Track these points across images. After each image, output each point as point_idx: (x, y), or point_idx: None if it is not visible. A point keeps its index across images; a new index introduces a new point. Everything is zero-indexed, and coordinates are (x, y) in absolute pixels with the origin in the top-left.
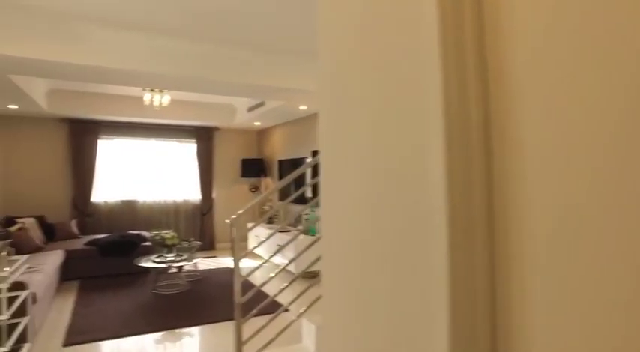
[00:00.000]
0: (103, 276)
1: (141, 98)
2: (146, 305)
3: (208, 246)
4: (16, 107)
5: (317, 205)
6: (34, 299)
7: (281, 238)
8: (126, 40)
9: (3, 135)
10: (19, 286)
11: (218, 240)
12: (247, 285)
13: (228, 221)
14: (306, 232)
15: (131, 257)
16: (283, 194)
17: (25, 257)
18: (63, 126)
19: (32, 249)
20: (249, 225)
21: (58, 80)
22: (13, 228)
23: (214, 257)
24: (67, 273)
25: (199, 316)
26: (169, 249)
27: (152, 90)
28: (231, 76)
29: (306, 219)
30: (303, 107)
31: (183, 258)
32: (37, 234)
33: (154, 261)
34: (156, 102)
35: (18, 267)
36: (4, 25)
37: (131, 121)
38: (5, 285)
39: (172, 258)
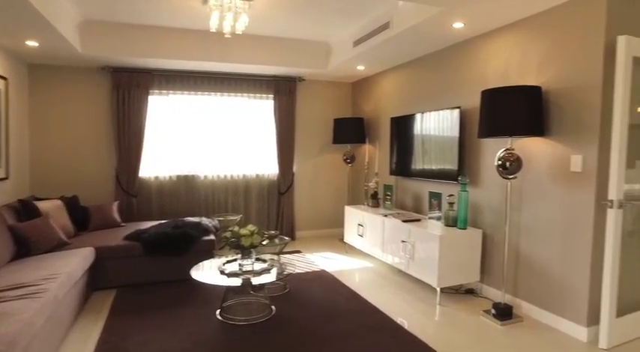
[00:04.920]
0: (147, 284)
1: (202, 33)
2: (210, 348)
3: (287, 236)
4: (36, 44)
5: (467, 182)
6: None
7: (404, 230)
8: None
9: (30, 91)
10: None
11: (299, 226)
12: (354, 300)
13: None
14: (449, 223)
15: (187, 255)
16: (398, 165)
17: None
18: (104, 77)
19: (51, 246)
20: (348, 207)
21: (91, 7)
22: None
23: (298, 252)
24: (97, 280)
25: None
26: (246, 251)
27: (221, 4)
28: None
29: (451, 204)
30: (458, 24)
31: (266, 267)
32: (62, 223)
33: (223, 272)
34: (227, 27)
35: None
36: None
37: (190, 70)
38: None
39: (250, 267)
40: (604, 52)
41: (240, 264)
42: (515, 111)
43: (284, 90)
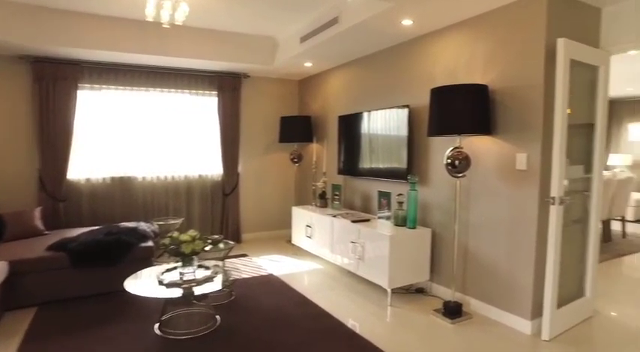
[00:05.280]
0: (74, 300)
1: (137, 22)
2: None
3: (233, 239)
4: None
5: (416, 181)
6: None
7: (353, 230)
8: None
9: None
10: None
11: (245, 229)
12: (303, 304)
13: None
14: (399, 222)
15: (122, 265)
16: (346, 164)
17: None
18: (23, 67)
19: None
20: (295, 208)
21: None
22: None
23: (245, 256)
24: (12, 299)
25: None
26: (187, 259)
27: None
28: None
29: (400, 203)
30: (407, 21)
31: (209, 275)
32: None
33: (161, 282)
34: (165, 16)
35: None
36: None
37: (125, 63)
38: None
39: (192, 275)
40: (545, 54)
41: (180, 273)
42: (463, 109)
43: (228, 87)
